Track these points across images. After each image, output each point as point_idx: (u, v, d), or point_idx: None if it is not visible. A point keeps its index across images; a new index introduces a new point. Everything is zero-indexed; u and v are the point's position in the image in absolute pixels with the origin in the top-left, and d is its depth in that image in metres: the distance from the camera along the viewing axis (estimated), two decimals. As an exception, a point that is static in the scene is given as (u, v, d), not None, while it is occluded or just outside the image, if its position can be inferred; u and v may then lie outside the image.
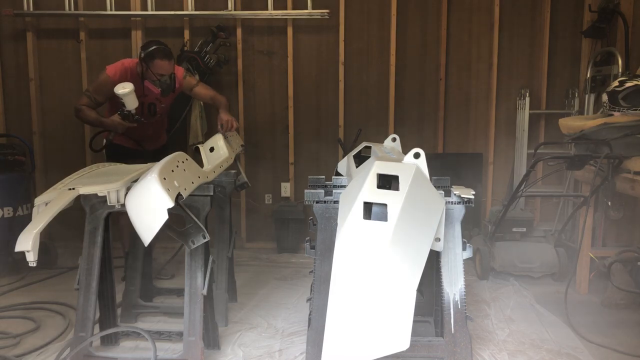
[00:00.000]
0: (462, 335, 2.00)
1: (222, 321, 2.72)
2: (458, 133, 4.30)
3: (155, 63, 3.11)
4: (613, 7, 3.69)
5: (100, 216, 2.21)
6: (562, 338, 2.64)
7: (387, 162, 1.88)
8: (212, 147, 2.82)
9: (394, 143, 2.64)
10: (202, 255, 2.19)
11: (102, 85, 3.18)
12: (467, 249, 2.05)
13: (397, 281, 1.51)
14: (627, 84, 2.95)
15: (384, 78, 4.24)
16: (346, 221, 1.61)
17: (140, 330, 2.31)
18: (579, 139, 3.09)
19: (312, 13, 4.07)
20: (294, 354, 2.46)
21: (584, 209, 3.09)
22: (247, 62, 4.25)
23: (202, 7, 4.14)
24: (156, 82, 3.17)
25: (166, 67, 3.15)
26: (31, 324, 2.76)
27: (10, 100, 4.30)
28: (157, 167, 1.90)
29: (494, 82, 4.17)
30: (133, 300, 2.78)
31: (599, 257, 3.13)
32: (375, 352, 1.46)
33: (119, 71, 3.17)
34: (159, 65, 3.12)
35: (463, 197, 2.02)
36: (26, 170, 3.86)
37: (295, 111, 4.28)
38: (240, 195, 4.29)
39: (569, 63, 4.17)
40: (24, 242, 1.82)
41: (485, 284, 3.45)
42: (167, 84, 3.20)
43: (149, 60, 3.10)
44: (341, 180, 2.47)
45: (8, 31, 4.23)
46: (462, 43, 4.21)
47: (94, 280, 2.19)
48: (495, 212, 3.66)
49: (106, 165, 2.61)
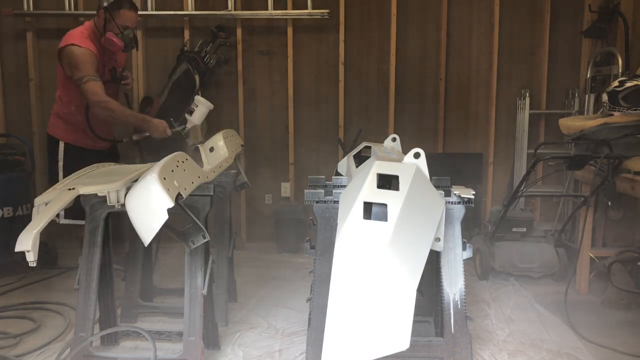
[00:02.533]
0: (462, 335, 2.00)
1: (222, 321, 2.72)
2: (458, 133, 4.29)
3: (121, 13, 2.91)
4: (613, 7, 3.68)
5: (100, 216, 2.21)
6: (562, 338, 2.64)
7: (387, 162, 1.88)
8: (212, 147, 2.82)
9: (394, 143, 2.64)
10: (202, 255, 2.19)
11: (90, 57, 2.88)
12: (467, 249, 2.05)
13: (397, 281, 1.51)
14: (627, 84, 2.95)
15: (384, 78, 4.24)
16: (346, 221, 1.61)
17: (141, 330, 2.31)
18: (579, 139, 3.08)
19: (312, 13, 4.07)
20: (294, 354, 2.46)
21: (584, 209, 3.09)
22: (247, 62, 4.25)
23: (202, 7, 4.14)
24: (119, 34, 2.93)
25: (132, 18, 2.97)
26: (31, 324, 2.76)
27: (10, 100, 4.30)
28: (157, 167, 1.90)
29: (494, 82, 4.17)
30: (133, 300, 2.78)
31: (599, 257, 3.13)
32: (375, 352, 1.46)
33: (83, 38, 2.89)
34: (125, 15, 2.92)
35: (463, 197, 2.02)
36: (26, 170, 3.85)
37: (295, 111, 4.28)
38: (240, 195, 4.29)
39: (569, 63, 4.17)
40: (24, 242, 1.82)
41: (485, 284, 3.45)
42: (130, 38, 2.99)
43: (114, 9, 2.89)
44: (341, 180, 2.47)
45: (8, 31, 4.23)
46: (462, 43, 4.21)
47: (94, 280, 2.19)
48: (495, 212, 3.66)
49: (106, 165, 2.61)
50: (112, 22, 2.88)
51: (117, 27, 2.90)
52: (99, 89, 2.86)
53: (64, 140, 3.12)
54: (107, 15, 2.88)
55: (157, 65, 4.23)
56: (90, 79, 2.85)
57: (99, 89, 2.86)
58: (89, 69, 2.86)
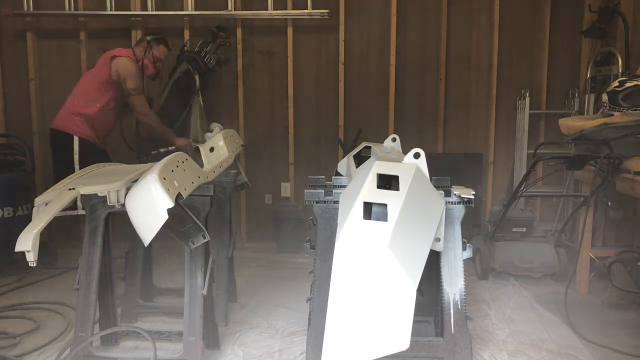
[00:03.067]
0: (462, 335, 2.00)
1: (222, 321, 2.72)
2: (458, 133, 4.30)
3: (160, 48, 3.52)
4: (613, 7, 3.68)
5: (100, 216, 2.21)
6: (562, 338, 2.64)
7: (387, 162, 1.88)
8: (212, 147, 2.82)
9: (394, 143, 2.64)
10: (202, 255, 2.19)
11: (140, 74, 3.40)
12: (467, 249, 2.05)
13: (397, 281, 1.51)
14: (627, 84, 2.95)
15: (384, 78, 4.24)
16: (346, 221, 1.61)
17: (141, 330, 2.31)
18: (579, 139, 3.08)
19: (312, 13, 4.07)
20: (294, 354, 2.46)
21: (584, 209, 3.09)
22: (247, 62, 4.25)
23: (202, 7, 4.14)
24: (153, 64, 3.51)
25: (165, 54, 3.59)
26: (31, 324, 2.76)
27: (10, 100, 4.30)
28: (157, 167, 1.90)
29: (494, 82, 4.18)
30: (133, 300, 2.78)
31: (599, 257, 3.13)
32: (375, 352, 1.46)
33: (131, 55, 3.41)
34: (162, 50, 3.54)
35: (463, 197, 2.02)
36: (26, 170, 3.85)
37: (295, 111, 4.28)
38: (240, 195, 4.29)
39: (569, 63, 4.17)
40: (24, 242, 1.82)
41: (485, 284, 3.45)
42: (159, 69, 3.60)
43: (156, 43, 3.49)
44: (341, 180, 2.47)
45: (8, 31, 4.23)
46: (462, 43, 4.21)
47: (94, 280, 2.19)
48: (495, 212, 3.65)
49: (106, 165, 2.61)
50: (150, 53, 3.46)
51: (153, 58, 3.49)
52: (146, 104, 3.42)
53: (80, 135, 3.37)
54: (148, 46, 3.46)
55: (157, 65, 4.22)
56: (140, 93, 3.40)
57: (146, 103, 3.41)
58: (139, 83, 3.40)
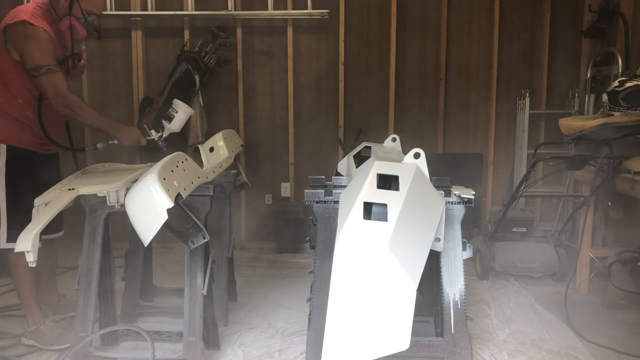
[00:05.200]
0: (462, 335, 2.00)
1: (222, 321, 2.72)
2: (458, 133, 4.29)
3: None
4: (613, 7, 3.69)
5: (100, 216, 2.21)
6: (562, 338, 2.64)
7: (387, 162, 1.88)
8: (212, 147, 2.82)
9: (394, 143, 2.63)
10: (202, 255, 2.19)
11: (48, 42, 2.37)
12: (467, 249, 2.05)
13: (396, 281, 1.51)
14: (627, 84, 2.95)
15: (384, 78, 4.23)
16: (346, 221, 1.61)
17: (140, 329, 2.31)
18: (579, 139, 3.08)
19: (312, 13, 4.07)
20: (294, 354, 2.46)
21: (584, 209, 3.09)
22: (247, 62, 4.24)
23: (202, 7, 4.14)
24: (82, 20, 2.51)
25: (100, 4, 2.63)
26: (31, 324, 2.75)
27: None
28: (156, 167, 1.90)
29: (494, 82, 4.17)
30: (133, 300, 2.77)
31: (599, 257, 3.13)
32: (375, 352, 1.45)
33: (37, 16, 2.37)
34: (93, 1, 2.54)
35: (463, 197, 2.02)
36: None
37: (295, 111, 4.28)
38: (240, 195, 4.29)
39: (569, 63, 4.17)
40: (24, 242, 1.82)
41: (485, 284, 3.45)
42: (95, 25, 2.60)
43: None
44: (341, 180, 2.47)
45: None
46: (462, 43, 4.21)
47: (94, 280, 2.19)
48: (495, 212, 3.65)
49: (106, 166, 2.61)
50: (77, 5, 2.46)
51: (82, 12, 2.49)
52: (62, 84, 2.39)
53: (6, 142, 2.43)
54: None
55: (157, 65, 4.23)
56: (50, 70, 2.35)
57: (62, 83, 2.39)
58: (48, 56, 2.36)
